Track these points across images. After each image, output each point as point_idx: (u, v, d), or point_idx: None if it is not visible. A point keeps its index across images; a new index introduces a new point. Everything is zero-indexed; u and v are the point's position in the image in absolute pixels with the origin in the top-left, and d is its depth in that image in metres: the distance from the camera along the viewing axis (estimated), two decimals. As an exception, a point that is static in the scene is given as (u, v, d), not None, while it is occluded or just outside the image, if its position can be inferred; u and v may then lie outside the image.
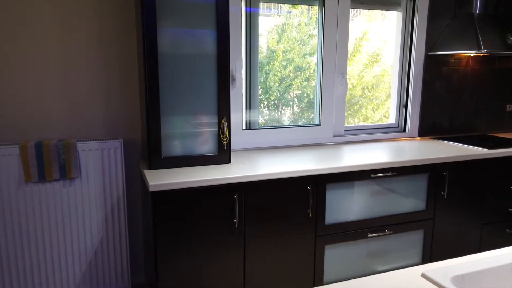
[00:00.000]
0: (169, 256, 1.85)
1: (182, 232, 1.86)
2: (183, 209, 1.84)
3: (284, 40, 2.69)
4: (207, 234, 1.90)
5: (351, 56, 3.03)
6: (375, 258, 2.30)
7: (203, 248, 1.90)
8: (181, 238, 1.86)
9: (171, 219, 1.83)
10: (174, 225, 1.84)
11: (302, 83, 2.78)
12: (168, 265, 1.86)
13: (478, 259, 1.04)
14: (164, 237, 1.83)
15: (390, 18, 2.98)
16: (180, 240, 1.86)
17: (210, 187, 1.86)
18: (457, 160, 2.35)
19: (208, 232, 1.90)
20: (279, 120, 2.78)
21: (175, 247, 1.86)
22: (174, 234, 1.84)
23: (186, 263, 1.89)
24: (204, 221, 1.89)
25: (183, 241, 1.86)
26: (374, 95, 3.18)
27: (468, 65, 3.01)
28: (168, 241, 1.84)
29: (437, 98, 2.96)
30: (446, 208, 2.40)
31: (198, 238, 1.89)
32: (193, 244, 1.88)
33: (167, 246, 1.84)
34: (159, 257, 1.84)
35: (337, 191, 2.14)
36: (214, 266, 1.94)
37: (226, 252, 1.95)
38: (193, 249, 1.89)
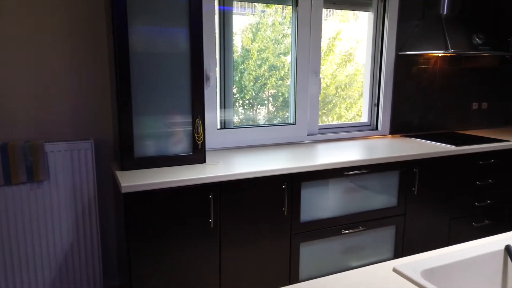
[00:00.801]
0: (143, 259, 1.82)
1: (156, 233, 1.83)
2: (156, 210, 1.81)
3: (259, 39, 2.70)
4: (182, 235, 1.88)
5: (324, 55, 3.06)
6: (349, 254, 2.34)
7: (178, 250, 1.88)
8: (155, 239, 1.83)
9: (144, 221, 1.80)
10: (147, 227, 1.81)
11: (277, 82, 2.79)
12: (142, 267, 1.82)
13: (447, 252, 1.07)
14: (138, 239, 1.80)
15: (362, 18, 3.04)
16: (154, 242, 1.83)
17: (185, 187, 1.84)
18: (426, 157, 2.42)
19: (183, 233, 1.88)
20: (254, 119, 2.78)
21: (149, 249, 1.82)
22: (147, 236, 1.81)
23: (160, 265, 1.86)
24: (179, 222, 1.86)
25: (157, 243, 1.84)
26: (347, 94, 3.23)
27: (437, 64, 3.11)
28: (141, 243, 1.81)
29: (408, 97, 3.04)
30: (416, 204, 2.47)
31: (173, 240, 1.86)
32: (167, 245, 1.86)
33: (140, 248, 1.81)
34: (133, 260, 1.80)
35: (312, 189, 2.16)
36: (189, 267, 1.92)
37: (201, 253, 1.93)
38: (168, 250, 1.86)
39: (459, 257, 1.05)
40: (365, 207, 2.33)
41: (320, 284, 0.93)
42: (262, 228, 2.05)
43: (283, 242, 2.11)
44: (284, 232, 2.11)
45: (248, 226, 2.01)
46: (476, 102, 3.35)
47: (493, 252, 1.08)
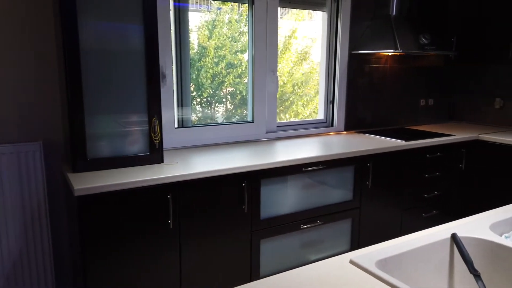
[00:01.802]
0: (99, 263, 1.75)
1: (113, 237, 1.77)
2: (113, 213, 1.76)
3: (215, 37, 2.68)
4: (140, 237, 1.83)
5: (281, 53, 3.10)
6: (308, 249, 2.40)
7: (136, 252, 1.83)
8: (112, 243, 1.77)
9: (100, 224, 1.73)
10: (103, 230, 1.74)
11: (234, 80, 2.79)
12: (99, 272, 1.76)
13: (399, 243, 1.13)
14: (93, 244, 1.73)
15: (317, 17, 3.11)
16: (111, 246, 1.77)
17: (142, 188, 1.80)
18: (379, 152, 2.53)
19: (141, 235, 1.83)
20: (212, 118, 2.76)
21: (105, 253, 1.76)
22: (104, 240, 1.75)
23: (118, 269, 1.80)
24: (137, 224, 1.82)
25: (114, 247, 1.78)
26: (304, 91, 3.30)
27: (387, 63, 3.25)
28: (97, 248, 1.74)
29: (361, 94, 3.15)
30: (370, 197, 2.58)
31: (131, 242, 1.81)
32: (125, 248, 1.80)
33: (96, 253, 1.74)
34: (88, 265, 1.73)
35: (271, 186, 2.19)
36: (149, 269, 1.88)
37: (161, 254, 1.89)
38: (125, 254, 1.81)
39: (410, 246, 1.10)
40: (322, 201, 2.39)
41: (279, 280, 0.95)
42: (223, 227, 2.04)
43: (244, 239, 2.12)
44: (245, 230, 2.12)
45: (209, 225, 2.00)
46: (424, 99, 3.54)
47: (441, 241, 1.15)
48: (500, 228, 1.28)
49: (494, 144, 2.91)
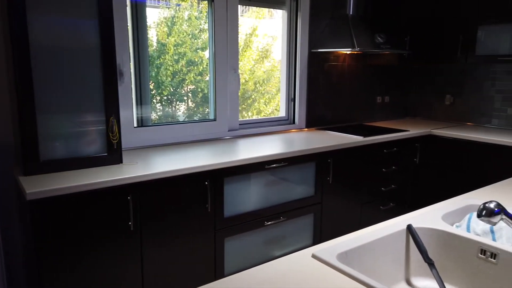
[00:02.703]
0: (56, 270, 1.68)
1: (70, 241, 1.70)
2: (69, 217, 1.68)
3: (175, 34, 2.63)
4: (99, 241, 1.77)
5: (242, 51, 3.10)
6: (272, 245, 2.42)
7: (95, 256, 1.77)
8: (69, 248, 1.70)
9: (55, 229, 1.65)
10: (59, 235, 1.67)
11: (195, 78, 2.76)
12: (55, 280, 1.68)
13: (358, 235, 1.16)
14: (48, 250, 1.65)
15: (277, 15, 3.13)
16: (67, 251, 1.69)
17: (100, 190, 1.73)
18: (339, 148, 2.59)
19: (100, 239, 1.77)
20: (173, 116, 2.72)
21: (62, 258, 1.68)
22: (60, 245, 1.67)
23: (77, 275, 1.73)
24: (95, 228, 1.75)
25: (71, 251, 1.70)
26: (266, 89, 3.32)
27: (345, 61, 3.33)
28: (53, 254, 1.66)
29: (321, 92, 3.22)
30: (331, 192, 2.64)
31: (89, 246, 1.74)
32: (84, 253, 1.73)
33: (52, 260, 1.66)
34: (44, 273, 1.65)
35: (234, 184, 2.18)
36: (109, 274, 1.82)
37: (122, 257, 1.84)
38: (84, 258, 1.74)
39: (369, 238, 1.14)
40: (285, 198, 2.42)
41: (243, 277, 0.95)
42: (186, 226, 2.02)
43: (208, 238, 2.11)
44: (208, 229, 2.10)
45: (171, 225, 1.97)
46: (380, 96, 3.67)
47: (397, 232, 1.20)
48: (452, 218, 1.36)
49: (445, 138, 3.07)
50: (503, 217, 0.96)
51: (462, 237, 1.18)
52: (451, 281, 1.20)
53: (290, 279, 0.94)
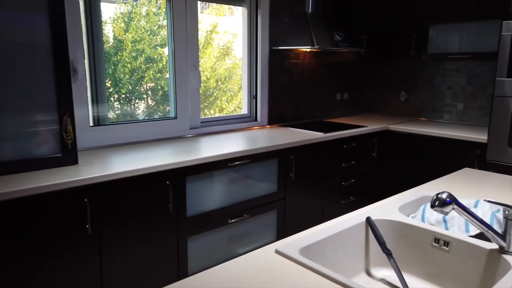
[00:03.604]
0: (9, 279, 1.58)
1: (22, 249, 1.60)
2: (19, 222, 1.59)
3: (133, 30, 2.56)
4: (55, 246, 1.68)
5: (203, 48, 3.07)
6: (236, 242, 2.42)
7: (52, 262, 1.68)
8: (23, 256, 1.60)
9: (5, 236, 1.56)
10: (9, 242, 1.57)
11: (155, 75, 2.69)
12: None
13: (320, 229, 1.18)
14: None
15: (237, 12, 3.12)
16: (21, 259, 1.60)
17: (54, 192, 1.65)
18: (300, 144, 2.63)
19: (56, 243, 1.68)
20: (132, 114, 2.64)
21: (12, 267, 1.59)
22: (10, 253, 1.58)
23: (33, 284, 1.64)
24: (51, 232, 1.67)
25: (25, 259, 1.61)
26: (228, 87, 3.30)
27: (305, 59, 3.38)
28: (5, 263, 1.56)
29: (282, 89, 3.25)
30: (294, 188, 2.67)
31: (45, 253, 1.66)
32: (38, 260, 1.64)
33: (3, 270, 1.56)
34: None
35: (197, 183, 2.16)
36: (67, 280, 1.73)
37: (80, 262, 1.76)
38: (38, 265, 1.65)
39: (330, 232, 1.17)
40: (248, 195, 2.42)
41: (206, 276, 0.94)
42: (147, 228, 1.97)
43: (170, 239, 2.07)
44: (171, 229, 2.06)
45: (132, 227, 1.91)
46: (339, 93, 3.76)
47: (357, 225, 1.24)
48: (408, 209, 1.41)
49: (401, 133, 3.20)
50: (454, 207, 1.00)
51: (417, 227, 1.23)
52: (408, 269, 1.25)
53: (253, 275, 0.94)
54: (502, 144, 2.67)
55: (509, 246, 1.03)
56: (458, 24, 3.07)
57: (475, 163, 2.80)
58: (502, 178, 1.75)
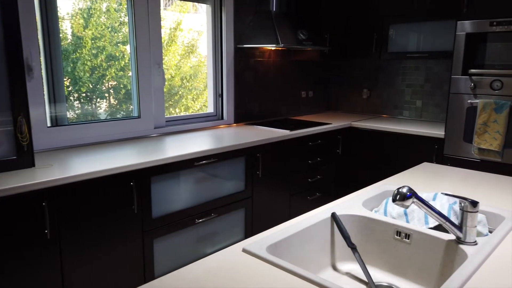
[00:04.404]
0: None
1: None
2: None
3: (92, 26, 2.46)
4: (11, 254, 1.60)
5: (166, 46, 3.01)
6: (204, 242, 2.39)
7: (7, 270, 1.59)
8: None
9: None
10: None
11: (117, 73, 2.61)
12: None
13: (287, 226, 1.19)
14: None
15: (201, 10, 3.08)
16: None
17: (9, 197, 1.56)
18: (267, 142, 2.64)
19: (12, 251, 1.60)
20: (94, 114, 2.55)
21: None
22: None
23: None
24: (5, 240, 1.58)
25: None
26: (193, 85, 3.26)
27: (270, 57, 3.40)
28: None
29: (248, 87, 3.25)
30: (261, 186, 2.68)
31: (0, 260, 1.57)
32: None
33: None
34: None
35: (162, 183, 2.11)
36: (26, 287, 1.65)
37: (39, 269, 1.68)
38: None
39: (297, 229, 1.18)
40: (216, 194, 2.40)
41: (173, 278, 0.92)
42: (111, 231, 1.91)
43: (135, 241, 2.02)
44: (135, 231, 2.01)
45: (95, 231, 1.85)
46: (304, 91, 3.81)
47: (323, 220, 1.26)
48: (371, 204, 1.45)
49: (364, 130, 3.29)
50: (414, 200, 1.04)
51: (380, 221, 1.27)
52: (372, 262, 1.29)
53: (220, 275, 0.93)
54: (458, 139, 2.80)
55: (465, 237, 1.08)
56: (416, 24, 3.19)
57: (434, 158, 2.93)
58: (458, 172, 1.83)
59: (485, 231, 1.21)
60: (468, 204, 1.06)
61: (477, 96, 2.69)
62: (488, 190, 1.56)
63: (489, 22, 2.58)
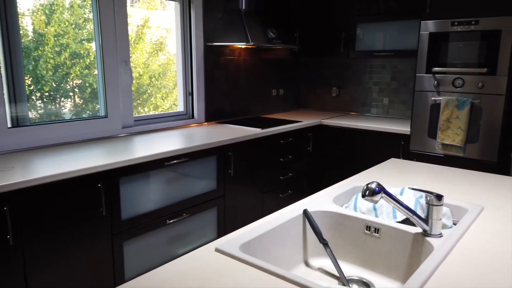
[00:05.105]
0: None
1: None
2: None
3: (55, 23, 2.37)
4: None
5: (134, 43, 2.94)
6: (176, 243, 2.36)
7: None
8: None
9: None
10: None
11: (82, 72, 2.53)
12: None
13: (259, 224, 1.19)
14: None
15: (169, 7, 3.03)
16: None
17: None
18: (239, 141, 2.63)
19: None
20: (58, 114, 2.45)
21: None
22: None
23: None
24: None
25: None
26: (162, 83, 3.20)
27: (241, 55, 3.39)
28: None
29: (218, 85, 3.23)
30: (233, 184, 2.67)
31: (-45, 270, 1.48)
32: None
33: None
34: None
35: (132, 184, 2.07)
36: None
37: (1, 277, 1.60)
38: None
39: (269, 226, 1.18)
40: (187, 194, 2.37)
41: (144, 280, 0.90)
42: (78, 234, 1.84)
43: (104, 244, 1.96)
44: (104, 234, 1.95)
45: (61, 235, 1.78)
46: (275, 89, 3.83)
47: (295, 217, 1.27)
48: (341, 200, 1.48)
49: (333, 127, 3.35)
50: (383, 195, 1.07)
51: (350, 216, 1.29)
52: (343, 257, 1.31)
53: (193, 275, 0.92)
54: (423, 135, 2.90)
55: (431, 229, 1.12)
56: (382, 23, 3.28)
57: (400, 153, 3.02)
58: (423, 167, 1.90)
59: (450, 223, 1.25)
60: (433, 198, 1.10)
61: (440, 93, 2.80)
62: (452, 184, 1.63)
63: (451, 22, 2.69)
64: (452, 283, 0.90)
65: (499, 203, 1.40)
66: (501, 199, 1.44)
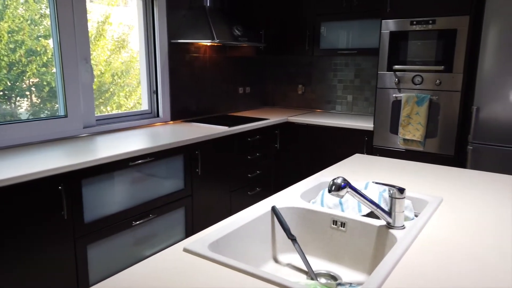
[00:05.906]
0: None
1: None
2: None
3: (9, 19, 2.25)
4: None
5: (94, 40, 2.84)
6: (143, 245, 2.31)
7: None
8: None
9: None
10: None
11: (39, 70, 2.41)
12: None
13: (228, 223, 1.19)
14: None
15: (132, 3, 2.95)
16: None
17: None
18: (206, 139, 2.61)
19: None
20: (13, 114, 2.33)
21: None
22: None
23: None
24: None
25: None
26: (125, 81, 3.11)
27: (206, 53, 3.36)
28: None
29: (184, 83, 3.18)
30: (201, 183, 2.65)
31: None
32: None
33: None
34: None
35: (95, 186, 2.00)
36: None
37: (-49, 289, 1.51)
38: None
39: (238, 224, 1.18)
40: (154, 194, 2.33)
41: (110, 284, 0.87)
42: (38, 239, 1.76)
43: (66, 249, 1.88)
44: (66, 238, 1.88)
45: (20, 239, 1.69)
46: (242, 87, 3.83)
47: (263, 214, 1.27)
48: (309, 196, 1.50)
49: (300, 124, 3.39)
50: (348, 190, 1.09)
51: (317, 211, 1.31)
52: (311, 252, 1.33)
53: (161, 276, 0.90)
54: (385, 131, 3.00)
55: (394, 222, 1.15)
56: (345, 22, 3.35)
57: (364, 149, 3.10)
58: (386, 161, 1.96)
59: (412, 215, 1.30)
60: (396, 191, 1.13)
61: (401, 90, 2.90)
62: (413, 177, 1.69)
63: (410, 21, 2.79)
64: (414, 272, 0.93)
65: (457, 194, 1.47)
66: (459, 190, 1.52)
